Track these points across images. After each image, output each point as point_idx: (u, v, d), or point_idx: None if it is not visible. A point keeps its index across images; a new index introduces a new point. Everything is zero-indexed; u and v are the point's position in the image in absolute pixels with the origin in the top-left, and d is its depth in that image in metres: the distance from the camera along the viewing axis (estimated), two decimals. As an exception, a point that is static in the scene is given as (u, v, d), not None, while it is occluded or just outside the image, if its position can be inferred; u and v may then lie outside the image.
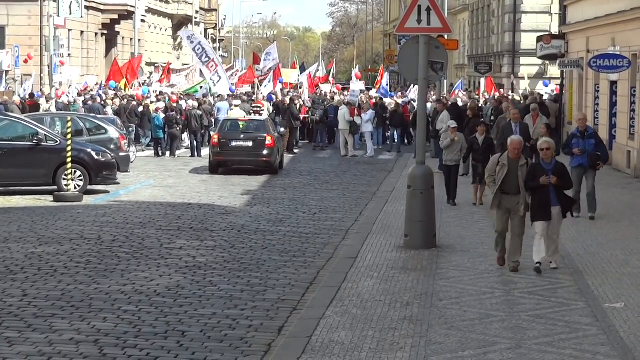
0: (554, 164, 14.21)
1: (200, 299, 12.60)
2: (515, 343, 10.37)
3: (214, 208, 21.34)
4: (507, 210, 14.19)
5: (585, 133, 18.80)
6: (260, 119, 31.41)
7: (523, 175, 14.06)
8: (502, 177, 14.07)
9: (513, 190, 14.11)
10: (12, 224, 18.53)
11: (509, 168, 14.09)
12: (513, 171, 14.08)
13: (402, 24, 16.39)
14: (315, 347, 10.17)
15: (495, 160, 14.48)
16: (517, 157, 14.14)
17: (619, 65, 26.34)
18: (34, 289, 13.04)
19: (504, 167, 14.11)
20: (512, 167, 14.11)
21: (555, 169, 14.12)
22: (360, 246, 16.16)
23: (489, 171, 14.46)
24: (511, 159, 14.15)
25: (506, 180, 14.06)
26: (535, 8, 51.16)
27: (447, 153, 21.63)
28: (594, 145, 18.73)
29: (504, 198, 14.14)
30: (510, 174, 14.07)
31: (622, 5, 28.51)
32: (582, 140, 18.71)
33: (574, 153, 18.82)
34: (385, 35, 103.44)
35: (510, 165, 14.11)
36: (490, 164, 14.58)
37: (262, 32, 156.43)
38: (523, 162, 14.21)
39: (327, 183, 26.83)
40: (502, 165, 14.15)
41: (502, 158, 14.27)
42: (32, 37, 51.21)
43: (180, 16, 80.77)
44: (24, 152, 22.90)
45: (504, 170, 14.10)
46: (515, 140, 14.40)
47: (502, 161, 14.19)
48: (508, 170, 14.07)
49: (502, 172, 14.10)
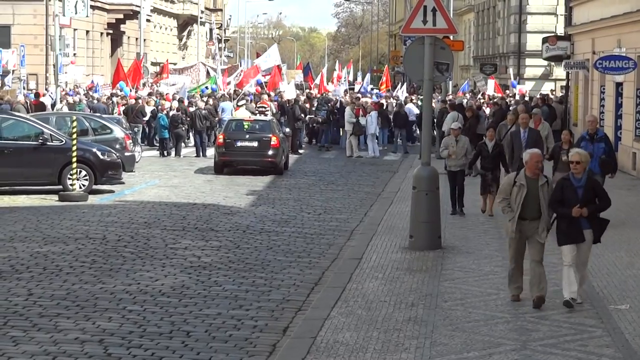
0: (585, 179, 11.94)
1: (205, 299, 12.60)
2: (520, 344, 10.36)
3: (219, 208, 21.35)
4: (524, 237, 12.15)
5: (595, 136, 17.97)
6: (265, 119, 31.42)
7: (545, 197, 11.96)
8: (520, 201, 11.94)
9: (532, 215, 11.99)
10: (18, 223, 18.56)
11: (527, 188, 11.94)
12: (533, 193, 11.95)
13: (408, 25, 16.38)
14: (320, 348, 10.18)
15: (510, 180, 12.23)
16: (537, 176, 11.99)
17: (624, 67, 26.31)
18: (39, 288, 13.06)
19: (522, 189, 11.95)
20: (531, 189, 11.95)
21: (587, 186, 11.91)
22: (365, 247, 16.16)
23: (503, 194, 12.20)
24: (529, 177, 11.99)
25: (524, 204, 11.95)
26: (541, 9, 51.16)
27: (449, 159, 20.11)
28: (604, 149, 17.88)
29: (521, 224, 12.02)
30: (530, 197, 11.94)
31: (627, 6, 28.49)
32: (592, 143, 17.73)
33: None
34: (390, 36, 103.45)
35: (529, 186, 11.95)
36: (504, 185, 12.29)
37: (267, 32, 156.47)
38: (543, 181, 12.04)
39: (332, 184, 26.83)
40: (520, 186, 11.97)
41: (519, 177, 12.04)
42: (37, 36, 51.28)
43: (185, 16, 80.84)
44: (30, 152, 22.94)
45: (522, 192, 11.94)
46: (534, 154, 12.07)
47: (520, 181, 11.99)
48: (527, 191, 11.94)
49: (520, 195, 11.94)
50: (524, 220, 11.99)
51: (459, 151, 19.82)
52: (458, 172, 19.88)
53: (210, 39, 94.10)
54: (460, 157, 19.81)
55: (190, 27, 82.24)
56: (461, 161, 19.84)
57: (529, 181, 11.96)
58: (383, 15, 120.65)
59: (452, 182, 19.97)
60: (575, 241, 11.85)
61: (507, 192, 12.10)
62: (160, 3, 74.81)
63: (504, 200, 12.12)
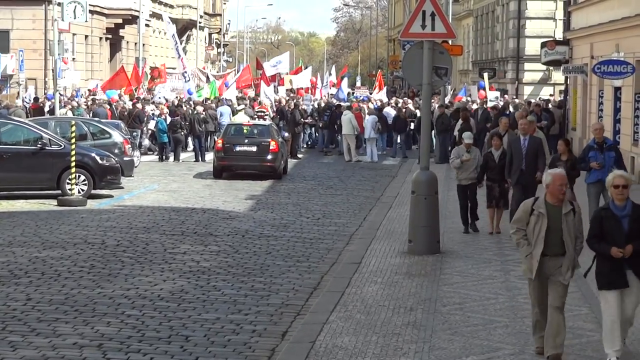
0: (630, 207, 9.79)
1: (204, 304, 12.60)
2: (519, 349, 10.37)
3: (217, 213, 21.35)
4: (544, 276, 10.04)
5: (604, 145, 17.02)
6: (264, 124, 31.42)
7: (570, 229, 9.85)
8: (540, 234, 9.85)
9: (555, 250, 9.90)
10: (16, 228, 18.56)
11: (548, 218, 9.86)
12: (555, 223, 9.85)
13: (407, 30, 16.41)
14: (318, 352, 10.18)
15: (526, 207, 10.05)
16: (561, 202, 9.88)
17: (623, 72, 26.32)
18: (37, 293, 13.05)
19: (542, 219, 9.87)
20: (553, 218, 9.85)
21: (634, 215, 9.75)
22: (364, 251, 16.16)
23: (517, 223, 10.08)
24: (551, 204, 9.89)
25: (545, 236, 9.86)
26: (540, 14, 51.20)
27: (460, 171, 18.56)
28: (615, 158, 16.85)
29: (541, 261, 9.92)
30: (552, 228, 9.84)
31: (626, 11, 28.52)
32: (601, 153, 16.87)
33: (592, 167, 16.96)
34: (389, 41, 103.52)
35: (550, 215, 9.86)
36: (520, 214, 10.12)
37: (266, 37, 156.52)
38: (568, 208, 9.91)
39: (331, 188, 26.83)
40: (539, 215, 9.88)
41: (537, 204, 9.95)
42: (36, 41, 51.30)
43: (184, 21, 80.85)
44: (28, 157, 22.94)
45: (542, 222, 9.85)
46: (558, 175, 9.88)
47: (539, 209, 9.90)
48: (548, 222, 9.85)
49: (540, 226, 9.85)
50: (544, 256, 9.88)
51: (471, 163, 18.36)
52: (470, 186, 18.44)
53: (210, 43, 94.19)
54: (471, 170, 18.37)
55: (190, 32, 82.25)
56: (473, 174, 18.36)
57: (551, 209, 9.88)
58: (382, 20, 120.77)
59: (462, 197, 18.47)
60: (619, 286, 9.69)
61: (523, 222, 10.01)
62: (159, 8, 74.82)
63: (519, 231, 10.03)
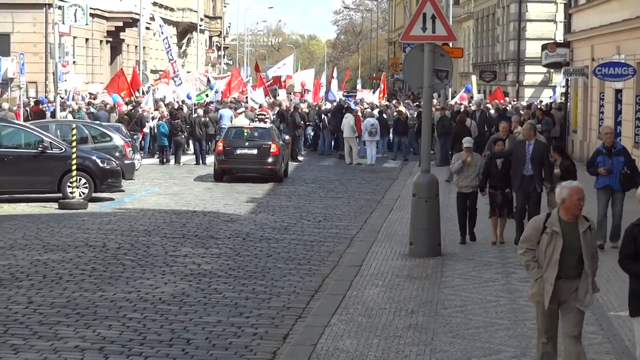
0: None
1: (205, 307, 12.60)
2: (521, 351, 10.37)
3: (218, 215, 21.35)
4: (556, 301, 8.93)
5: (613, 149, 16.54)
6: (265, 127, 31.39)
7: (589, 248, 8.80)
8: (554, 255, 8.79)
9: (570, 272, 8.84)
10: (17, 231, 18.56)
11: (564, 237, 8.79)
12: (571, 243, 8.79)
13: (407, 32, 16.41)
14: (320, 355, 10.18)
15: (537, 225, 8.97)
16: (577, 219, 8.83)
17: (623, 74, 26.34)
18: (39, 296, 13.06)
19: (556, 238, 8.78)
20: (569, 237, 8.80)
21: None
22: (365, 254, 16.17)
23: (527, 243, 8.98)
24: (566, 222, 8.81)
25: (561, 256, 8.80)
26: (540, 16, 51.23)
27: (460, 178, 17.58)
28: (624, 163, 16.44)
29: (557, 284, 8.86)
30: (567, 248, 8.79)
31: (627, 13, 28.53)
32: (610, 157, 16.43)
33: (600, 172, 16.48)
34: (389, 43, 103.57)
35: (566, 234, 8.79)
36: (529, 231, 9.04)
37: (266, 40, 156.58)
38: (585, 226, 8.82)
39: (332, 191, 26.83)
40: (552, 233, 8.80)
41: (550, 221, 8.83)
42: (37, 44, 51.27)
43: (185, 24, 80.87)
44: (29, 160, 22.94)
45: (556, 242, 8.78)
46: (575, 189, 8.77)
47: (552, 226, 8.81)
48: (563, 242, 8.79)
49: (553, 247, 8.79)
50: (558, 279, 8.83)
51: (472, 169, 17.41)
52: (470, 194, 17.44)
53: (210, 46, 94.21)
54: (472, 177, 17.39)
55: (190, 35, 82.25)
56: (474, 181, 17.38)
57: (566, 226, 8.80)
58: (382, 22, 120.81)
59: (462, 205, 17.46)
60: None
61: (533, 242, 8.93)
62: (160, 11, 74.86)
63: (528, 252, 8.96)
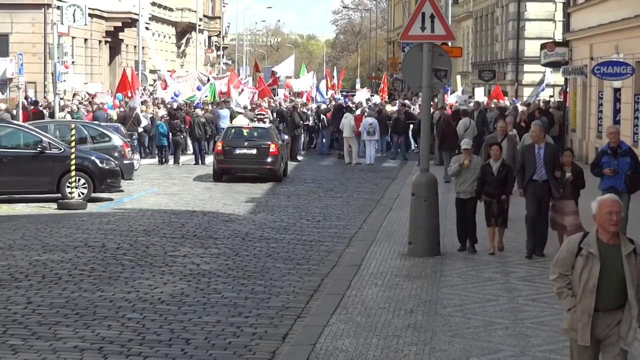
0: None
1: (204, 307, 12.60)
2: (519, 350, 10.36)
3: (217, 215, 21.35)
4: (595, 338, 7.58)
5: (619, 150, 15.95)
6: (264, 127, 31.40)
7: (634, 275, 7.45)
8: (590, 281, 7.46)
9: (609, 304, 7.47)
10: (17, 232, 18.56)
11: (602, 261, 7.46)
12: (611, 268, 7.45)
13: (406, 32, 16.42)
14: (319, 355, 10.18)
15: (572, 246, 7.60)
16: (617, 238, 7.52)
17: (622, 73, 26.34)
18: (38, 296, 13.05)
19: (593, 261, 7.46)
20: (608, 260, 7.45)
21: None
22: (364, 254, 16.16)
23: (560, 268, 7.65)
24: (605, 243, 7.49)
25: (598, 284, 7.46)
26: (539, 15, 51.24)
27: (459, 182, 16.64)
28: (630, 164, 15.84)
29: (594, 317, 7.52)
30: (607, 274, 7.44)
31: (625, 12, 28.54)
32: (615, 158, 15.84)
33: (605, 173, 15.88)
34: (389, 43, 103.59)
35: (604, 257, 7.45)
36: (562, 254, 7.67)
37: (265, 40, 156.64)
38: (629, 248, 7.48)
39: (331, 190, 26.83)
40: (589, 256, 7.47)
41: (587, 242, 7.51)
42: (35, 44, 51.26)
43: (184, 24, 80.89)
44: (28, 160, 22.94)
45: (593, 266, 7.46)
46: (609, 201, 7.50)
47: (588, 248, 7.48)
48: (602, 266, 7.44)
49: (589, 272, 7.46)
50: (596, 311, 7.50)
51: (470, 173, 16.47)
52: (468, 200, 16.51)
53: (209, 46, 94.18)
54: (470, 181, 16.43)
55: (189, 35, 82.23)
56: (472, 186, 16.42)
57: (605, 248, 7.47)
58: (381, 22, 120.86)
59: (460, 210, 16.60)
60: None
61: (567, 266, 7.62)
62: (159, 11, 74.85)
63: (561, 278, 7.64)
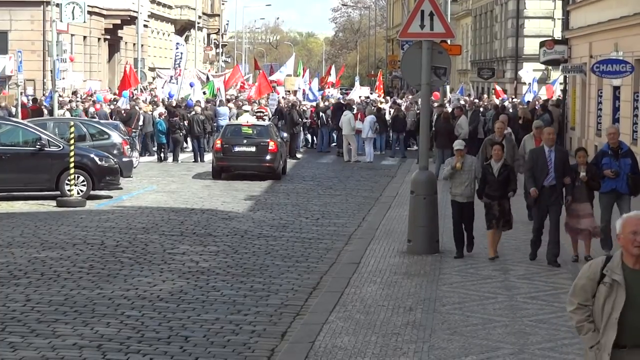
0: None
1: (203, 304, 12.60)
2: (518, 348, 10.36)
3: (216, 213, 21.35)
4: None
5: (619, 151, 15.50)
6: (263, 124, 31.39)
7: None
8: (614, 313, 6.35)
9: (638, 339, 6.35)
10: (15, 229, 18.55)
11: (627, 290, 6.35)
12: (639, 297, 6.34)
13: (405, 29, 16.41)
14: (318, 353, 10.17)
15: (593, 272, 6.49)
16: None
17: (621, 71, 26.34)
18: (37, 294, 13.05)
19: (618, 290, 6.36)
20: (635, 287, 6.36)
21: None
22: (363, 251, 16.16)
23: (578, 297, 6.53)
24: (631, 268, 6.38)
25: (622, 318, 6.32)
26: (538, 13, 51.23)
27: (454, 185, 15.69)
28: (631, 165, 15.37)
29: (615, 355, 6.37)
30: (633, 304, 6.32)
31: (625, 10, 28.54)
32: (616, 159, 15.36)
33: (606, 175, 15.30)
34: (388, 41, 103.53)
35: (630, 285, 6.36)
36: (583, 281, 6.53)
37: (264, 38, 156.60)
38: None
39: (330, 188, 26.83)
40: (613, 284, 6.37)
41: (610, 267, 6.40)
42: (34, 42, 51.32)
43: (183, 21, 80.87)
44: (27, 157, 22.94)
45: (617, 295, 6.36)
46: (628, 220, 6.39)
47: (612, 274, 6.38)
48: (627, 295, 6.33)
49: (613, 302, 6.36)
50: (620, 348, 6.37)
51: (465, 176, 15.54)
52: (465, 205, 15.64)
53: (208, 44, 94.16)
54: (466, 184, 15.53)
55: (188, 33, 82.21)
56: (468, 190, 15.55)
57: (631, 275, 6.38)
58: (380, 20, 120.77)
59: (456, 215, 15.72)
60: None
61: (587, 294, 6.52)
62: (158, 8, 74.83)
63: (581, 309, 6.54)
